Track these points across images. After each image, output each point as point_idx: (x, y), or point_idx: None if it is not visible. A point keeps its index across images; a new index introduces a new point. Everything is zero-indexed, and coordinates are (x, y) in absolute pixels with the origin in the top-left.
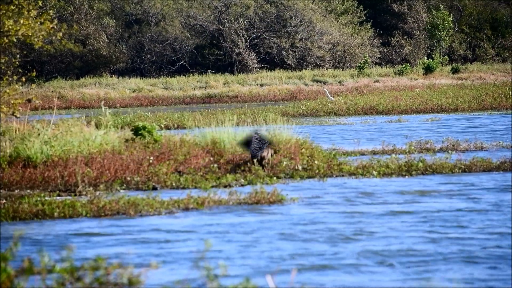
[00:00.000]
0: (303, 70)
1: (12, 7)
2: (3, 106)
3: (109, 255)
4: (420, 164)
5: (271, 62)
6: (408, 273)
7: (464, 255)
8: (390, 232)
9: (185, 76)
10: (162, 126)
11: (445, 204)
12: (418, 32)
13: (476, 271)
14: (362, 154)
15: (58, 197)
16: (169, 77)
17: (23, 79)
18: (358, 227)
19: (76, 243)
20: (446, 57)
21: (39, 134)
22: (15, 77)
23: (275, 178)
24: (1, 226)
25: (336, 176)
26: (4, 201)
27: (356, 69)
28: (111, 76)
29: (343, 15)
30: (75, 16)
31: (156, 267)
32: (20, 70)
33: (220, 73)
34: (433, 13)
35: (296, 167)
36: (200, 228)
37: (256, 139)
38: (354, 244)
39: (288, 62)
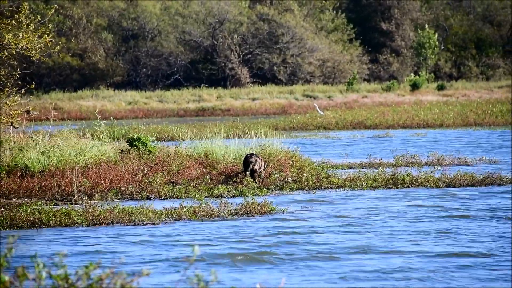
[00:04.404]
0: (294, 85)
1: (13, 21)
2: (2, 117)
3: (102, 262)
4: (406, 177)
5: (263, 77)
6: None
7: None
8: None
9: (179, 89)
10: (154, 138)
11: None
12: (405, 50)
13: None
14: (350, 167)
15: (54, 206)
16: (164, 90)
17: (23, 91)
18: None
19: (69, 250)
20: (432, 74)
21: (36, 144)
22: (14, 89)
23: (265, 189)
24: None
25: (325, 188)
26: (2, 209)
27: (345, 85)
28: (108, 89)
29: (333, 33)
30: (73, 30)
31: (147, 274)
32: (19, 82)
33: (213, 87)
34: (419, 32)
35: (286, 179)
36: (191, 236)
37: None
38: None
39: (279, 77)
